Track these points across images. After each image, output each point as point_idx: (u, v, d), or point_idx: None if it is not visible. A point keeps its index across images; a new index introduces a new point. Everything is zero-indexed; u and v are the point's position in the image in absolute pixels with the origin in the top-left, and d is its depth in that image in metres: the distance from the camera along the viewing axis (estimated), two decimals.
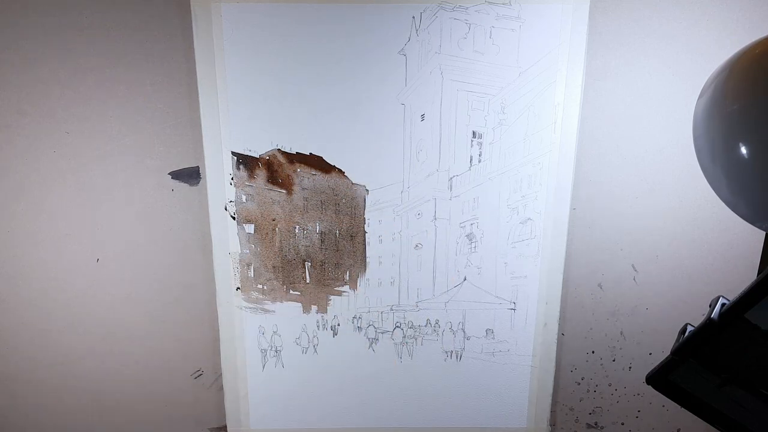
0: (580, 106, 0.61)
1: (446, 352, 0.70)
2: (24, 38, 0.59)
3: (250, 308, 0.68)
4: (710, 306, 0.41)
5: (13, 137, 0.62)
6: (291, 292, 0.67)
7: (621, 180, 0.65)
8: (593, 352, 0.72)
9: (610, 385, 0.73)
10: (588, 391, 0.73)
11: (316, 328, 0.69)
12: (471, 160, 0.63)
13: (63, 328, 0.69)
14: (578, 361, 0.72)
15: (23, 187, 0.64)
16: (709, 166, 0.43)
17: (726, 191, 0.43)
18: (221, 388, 0.71)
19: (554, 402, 0.73)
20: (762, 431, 0.41)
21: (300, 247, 0.66)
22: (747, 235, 0.66)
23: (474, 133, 0.63)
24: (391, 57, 0.60)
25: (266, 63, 0.60)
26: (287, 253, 0.66)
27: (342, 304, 0.68)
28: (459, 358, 0.70)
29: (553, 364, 0.70)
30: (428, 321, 0.69)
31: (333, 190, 0.64)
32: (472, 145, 0.63)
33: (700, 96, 0.45)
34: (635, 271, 0.68)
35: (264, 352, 0.69)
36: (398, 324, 0.69)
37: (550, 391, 0.71)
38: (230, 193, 0.64)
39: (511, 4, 0.58)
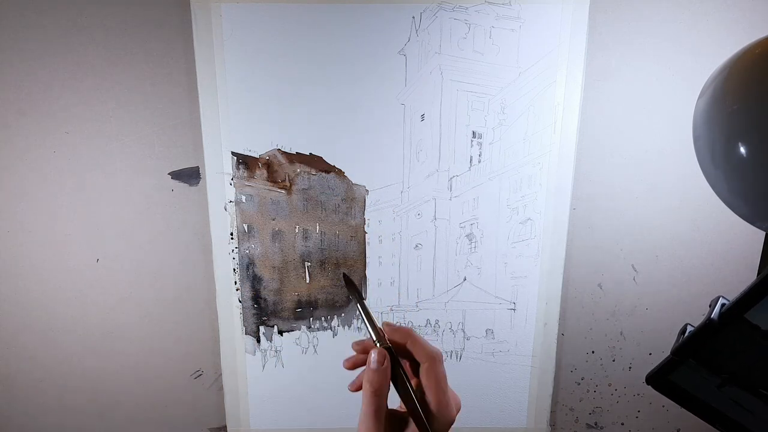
0: (580, 106, 0.61)
1: (446, 352, 0.70)
2: (24, 38, 0.59)
3: (250, 308, 0.68)
4: (710, 306, 0.41)
5: (13, 137, 0.62)
6: (291, 292, 0.67)
7: (621, 180, 0.65)
8: (593, 352, 0.72)
9: (610, 385, 0.73)
10: (588, 391, 0.73)
11: (316, 329, 0.69)
12: (471, 160, 0.63)
13: (63, 328, 0.69)
14: (578, 361, 0.72)
15: (23, 187, 0.64)
16: (709, 166, 0.43)
17: (726, 191, 0.43)
18: (221, 388, 0.71)
19: (554, 402, 0.73)
20: (762, 431, 0.41)
21: (300, 247, 0.66)
22: (747, 235, 0.66)
23: (474, 133, 0.63)
24: (391, 57, 0.60)
25: (266, 63, 0.60)
26: (287, 254, 0.66)
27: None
28: (459, 358, 0.70)
29: (553, 364, 0.70)
30: (428, 321, 0.69)
31: (333, 190, 0.64)
32: (472, 145, 0.63)
33: (700, 96, 0.45)
34: (635, 271, 0.68)
35: (264, 352, 0.69)
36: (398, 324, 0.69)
37: (550, 391, 0.71)
38: (230, 193, 0.64)
39: (511, 4, 0.58)
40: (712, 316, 0.40)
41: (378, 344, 0.40)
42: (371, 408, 0.39)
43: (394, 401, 0.41)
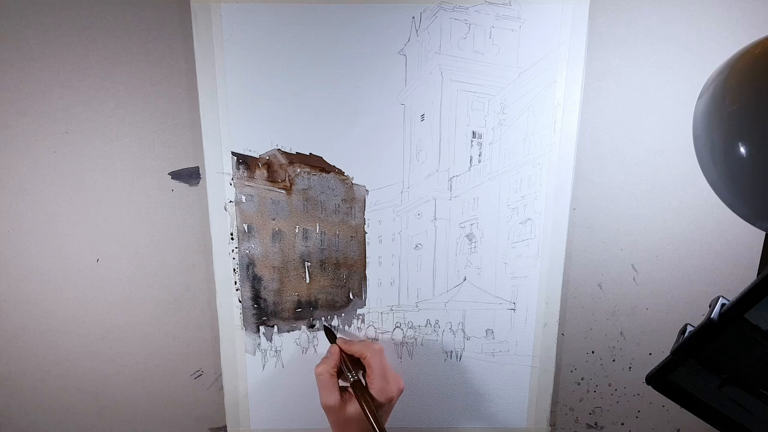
0: (580, 106, 0.61)
1: (446, 352, 0.70)
2: (24, 38, 0.59)
3: (250, 308, 0.68)
4: (710, 306, 0.41)
5: (13, 137, 0.62)
6: (291, 292, 0.67)
7: (621, 180, 0.65)
8: (593, 352, 0.72)
9: (610, 385, 0.73)
10: (588, 391, 0.73)
11: (316, 329, 0.69)
12: (471, 160, 0.63)
13: (63, 329, 0.69)
14: (578, 361, 0.72)
15: (23, 187, 0.64)
16: (708, 167, 0.43)
17: (726, 191, 0.43)
18: (221, 388, 0.71)
19: (554, 402, 0.73)
20: (762, 431, 0.41)
21: (300, 247, 0.66)
22: (747, 235, 0.66)
23: (474, 133, 0.63)
24: (391, 57, 0.60)
25: (266, 63, 0.60)
26: (287, 254, 0.66)
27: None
28: (459, 358, 0.70)
29: (553, 364, 0.70)
30: (428, 321, 0.69)
31: (333, 190, 0.64)
32: (472, 145, 0.63)
33: (700, 96, 0.45)
34: (635, 271, 0.68)
35: (264, 352, 0.69)
36: (398, 324, 0.69)
37: (550, 391, 0.71)
38: (230, 193, 0.64)
39: (511, 4, 0.58)
40: (712, 316, 0.40)
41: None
42: (323, 378, 0.62)
43: None
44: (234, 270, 0.66)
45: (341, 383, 0.63)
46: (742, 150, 0.39)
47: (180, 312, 0.69)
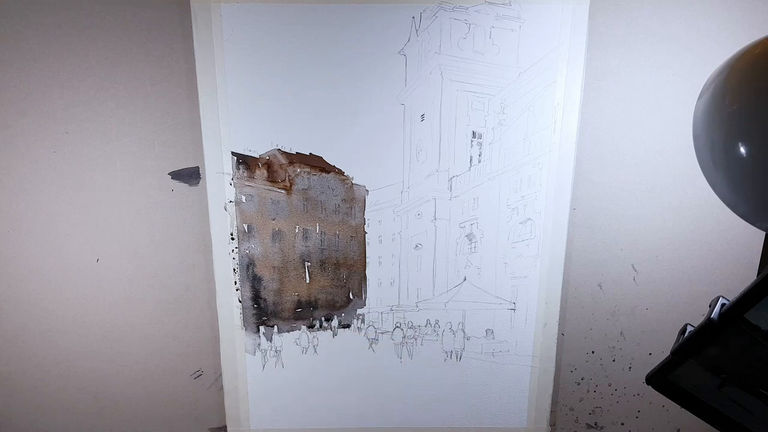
0: (580, 106, 0.61)
1: (446, 352, 0.70)
2: (24, 38, 0.59)
3: (250, 308, 0.68)
4: (710, 306, 0.41)
5: (13, 137, 0.62)
6: (291, 292, 0.67)
7: (621, 180, 0.65)
8: (593, 352, 0.72)
9: (610, 385, 0.73)
10: (588, 391, 0.73)
11: (316, 329, 0.69)
12: (471, 160, 0.63)
13: (63, 329, 0.69)
14: (578, 361, 0.72)
15: (23, 187, 0.64)
16: (708, 166, 0.43)
17: (726, 191, 0.43)
18: (221, 388, 0.71)
19: (554, 402, 0.73)
20: (762, 431, 0.41)
21: (300, 247, 0.66)
22: (747, 235, 0.66)
23: (474, 133, 0.63)
24: (391, 57, 0.60)
25: (266, 63, 0.60)
26: (287, 254, 0.66)
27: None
28: (459, 358, 0.70)
29: (553, 364, 0.70)
30: (428, 321, 0.69)
31: (333, 190, 0.64)
32: (472, 145, 0.63)
33: (700, 96, 0.45)
34: (635, 271, 0.68)
35: (264, 352, 0.69)
36: (398, 324, 0.69)
37: (550, 391, 0.71)
38: (230, 193, 0.64)
39: (511, 4, 0.58)
40: (712, 316, 0.40)
41: None
42: None
43: None
44: (234, 270, 0.66)
45: None
46: (742, 150, 0.39)
47: (180, 312, 0.69)
